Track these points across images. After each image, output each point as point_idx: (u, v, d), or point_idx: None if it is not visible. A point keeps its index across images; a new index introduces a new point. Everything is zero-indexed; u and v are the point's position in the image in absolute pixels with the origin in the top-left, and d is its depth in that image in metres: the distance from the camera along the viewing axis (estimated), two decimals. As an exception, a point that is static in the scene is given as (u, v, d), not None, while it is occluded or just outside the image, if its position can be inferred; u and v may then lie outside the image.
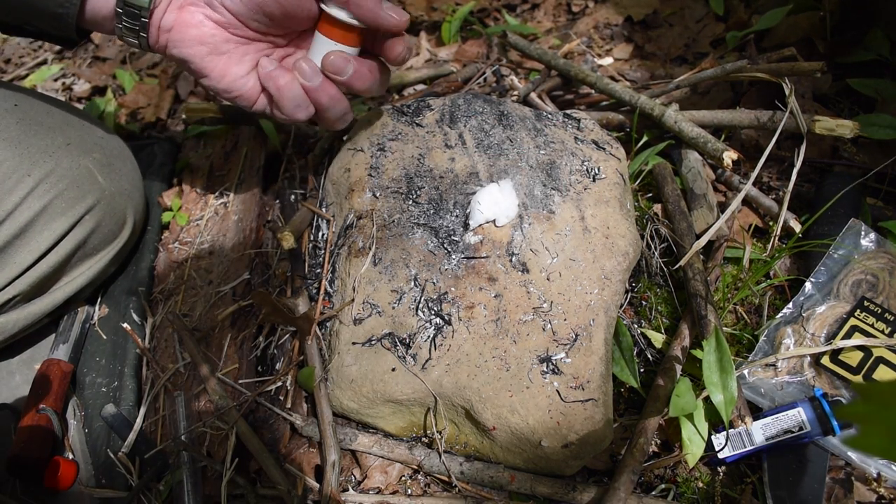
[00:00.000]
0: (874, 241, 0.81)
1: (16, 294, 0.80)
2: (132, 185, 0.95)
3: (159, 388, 0.84)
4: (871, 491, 0.70)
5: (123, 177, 0.92)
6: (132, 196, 0.94)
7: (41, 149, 0.82)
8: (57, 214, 0.81)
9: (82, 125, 0.91)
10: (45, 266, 0.81)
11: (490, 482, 0.72)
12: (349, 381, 0.72)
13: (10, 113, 0.82)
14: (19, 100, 0.85)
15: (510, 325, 0.71)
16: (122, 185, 0.91)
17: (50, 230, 0.81)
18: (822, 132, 0.88)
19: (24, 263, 0.79)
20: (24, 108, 0.84)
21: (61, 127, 0.86)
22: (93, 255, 0.89)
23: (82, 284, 0.88)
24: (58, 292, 0.86)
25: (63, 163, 0.83)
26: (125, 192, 0.92)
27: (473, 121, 0.88)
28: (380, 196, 0.82)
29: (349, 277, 0.78)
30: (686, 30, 1.30)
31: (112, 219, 0.89)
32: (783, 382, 0.75)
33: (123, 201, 0.91)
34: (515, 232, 0.76)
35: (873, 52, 1.05)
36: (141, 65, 1.55)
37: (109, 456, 0.78)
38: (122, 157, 0.95)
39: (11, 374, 0.87)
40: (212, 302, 0.91)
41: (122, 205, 0.90)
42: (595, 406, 0.68)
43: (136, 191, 0.96)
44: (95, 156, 0.88)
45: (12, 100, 0.84)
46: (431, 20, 1.48)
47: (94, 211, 0.85)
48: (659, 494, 0.72)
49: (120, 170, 0.92)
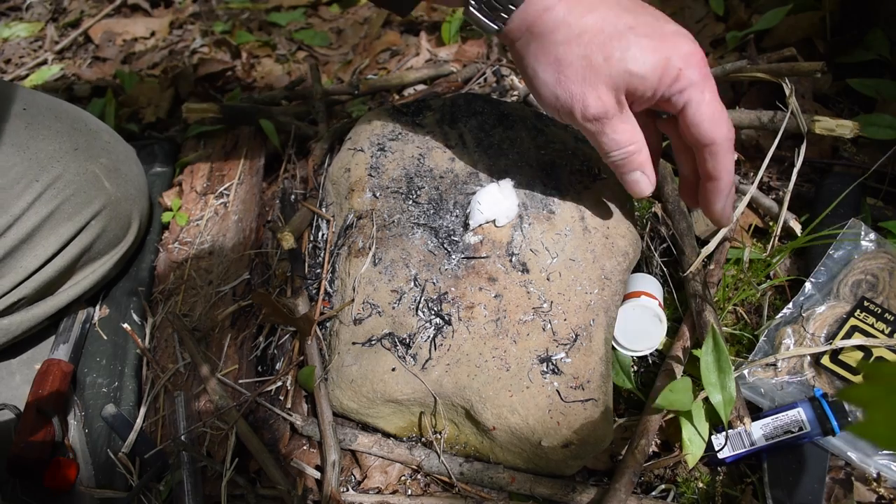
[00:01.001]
0: (874, 241, 0.81)
1: (21, 297, 0.80)
2: (138, 189, 0.95)
3: (159, 388, 0.84)
4: (871, 491, 0.70)
5: (130, 182, 0.93)
6: (138, 200, 0.94)
7: (49, 154, 0.82)
8: (63, 219, 0.81)
9: (89, 130, 0.91)
10: (51, 270, 0.82)
11: (490, 482, 0.72)
12: (349, 381, 0.72)
13: (19, 117, 0.82)
14: (28, 103, 0.85)
15: (510, 325, 0.71)
16: (128, 191, 0.91)
17: (56, 235, 0.81)
18: (822, 132, 0.88)
19: (30, 268, 0.80)
20: (32, 112, 0.84)
21: (69, 132, 0.86)
22: (97, 259, 0.89)
23: (86, 287, 0.88)
24: (62, 295, 0.86)
25: (70, 168, 0.83)
26: (131, 196, 0.92)
27: (473, 121, 0.88)
28: (380, 196, 0.82)
29: (349, 277, 0.78)
30: (686, 30, 1.30)
31: (117, 223, 0.89)
32: (783, 382, 0.75)
33: (129, 206, 0.91)
34: (515, 232, 0.76)
35: (873, 52, 1.05)
36: (141, 65, 1.55)
37: (109, 456, 0.78)
38: (128, 162, 0.95)
39: (11, 374, 0.87)
40: (212, 302, 0.91)
41: (127, 209, 0.91)
42: (595, 406, 0.68)
43: (141, 195, 0.96)
44: (102, 161, 0.88)
45: (21, 103, 0.84)
46: (431, 20, 1.48)
47: (100, 216, 0.85)
48: (659, 495, 0.72)
49: (126, 175, 0.92)
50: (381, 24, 1.52)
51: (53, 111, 0.88)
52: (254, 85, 1.44)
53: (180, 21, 1.74)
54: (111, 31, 1.68)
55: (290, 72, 1.47)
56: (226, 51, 1.53)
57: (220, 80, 1.43)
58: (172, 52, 1.58)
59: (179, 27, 1.73)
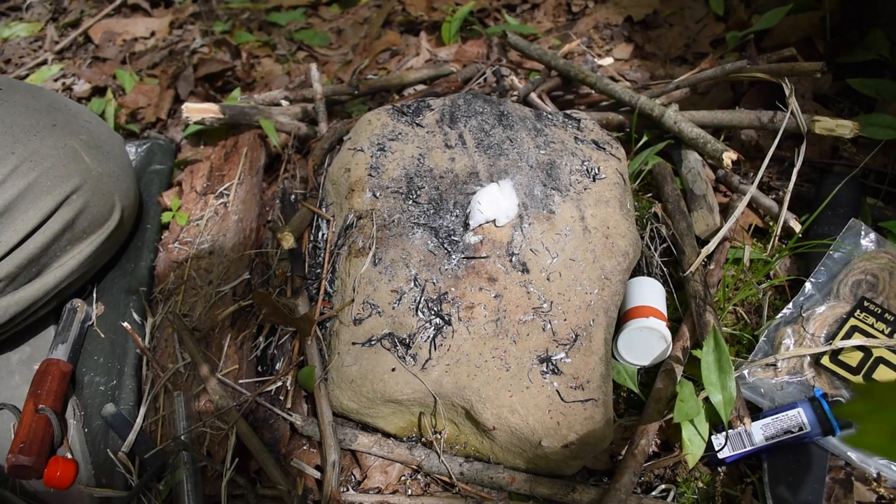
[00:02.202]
0: (874, 241, 0.81)
1: (3, 276, 0.79)
2: (120, 168, 0.94)
3: (159, 388, 0.84)
4: (871, 491, 0.70)
5: (112, 159, 0.93)
6: (120, 179, 0.94)
7: (25, 128, 0.82)
8: (42, 193, 0.81)
9: (69, 110, 0.91)
10: (33, 246, 0.81)
11: (490, 483, 0.72)
12: (349, 381, 0.72)
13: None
14: (4, 84, 0.85)
15: (510, 325, 0.71)
16: (109, 167, 0.91)
17: (36, 208, 0.80)
18: (822, 132, 0.88)
19: (10, 242, 0.79)
20: (8, 91, 0.85)
21: (47, 110, 0.87)
22: (82, 239, 0.88)
23: (73, 268, 0.87)
24: (48, 276, 0.85)
25: (48, 141, 0.83)
26: (113, 174, 0.92)
27: (473, 121, 0.88)
28: (380, 196, 0.82)
29: (349, 277, 0.78)
30: (686, 30, 1.30)
31: (100, 200, 0.89)
32: (783, 382, 0.75)
33: (111, 183, 0.91)
34: (515, 232, 0.76)
35: (873, 52, 1.05)
36: (141, 65, 1.55)
37: (109, 455, 0.78)
38: (109, 141, 0.95)
39: (11, 373, 0.87)
40: (212, 302, 0.91)
41: (110, 187, 0.90)
42: (595, 406, 0.68)
43: (124, 174, 0.95)
44: (82, 137, 0.88)
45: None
46: (431, 20, 1.48)
47: (81, 191, 0.85)
48: (659, 495, 0.72)
49: (108, 152, 0.92)
50: (381, 24, 1.52)
51: (30, 92, 0.88)
52: (254, 85, 1.44)
53: (180, 21, 1.74)
54: (111, 31, 1.68)
55: (289, 72, 1.47)
56: (226, 51, 1.53)
57: (220, 80, 1.43)
58: (172, 52, 1.58)
59: (179, 27, 1.73)
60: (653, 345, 0.76)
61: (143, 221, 1.05)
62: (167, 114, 1.35)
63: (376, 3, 1.64)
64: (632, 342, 0.77)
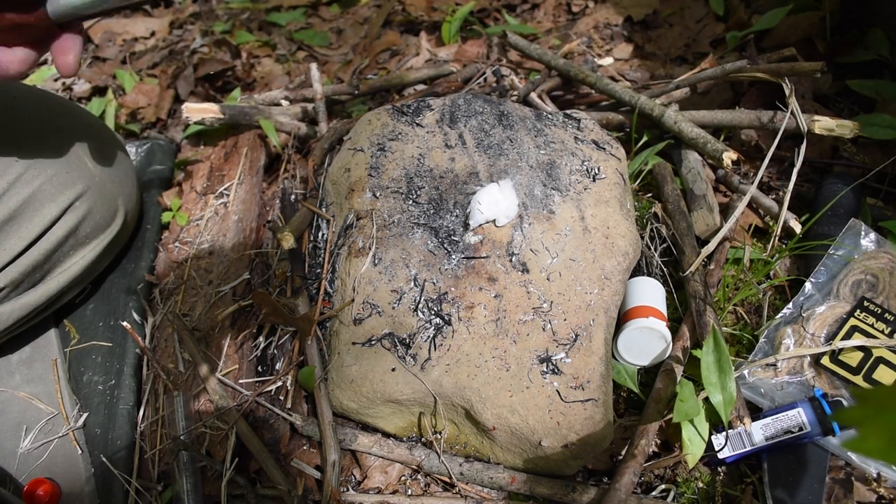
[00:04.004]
0: (874, 241, 0.81)
1: (7, 283, 0.79)
2: (123, 172, 0.94)
3: (159, 388, 0.84)
4: (871, 491, 0.70)
5: (115, 163, 0.92)
6: (124, 184, 0.93)
7: (28, 135, 0.82)
8: (47, 200, 0.81)
9: (71, 114, 0.91)
10: (37, 253, 0.81)
11: (490, 483, 0.72)
12: (349, 381, 0.72)
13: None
14: (5, 88, 0.85)
15: (510, 325, 0.71)
16: (112, 172, 0.91)
17: (40, 216, 0.80)
18: (822, 132, 0.88)
19: (15, 250, 0.79)
20: (10, 95, 0.84)
21: (50, 115, 0.86)
22: (85, 244, 0.88)
23: (76, 274, 0.87)
24: (52, 282, 0.85)
25: (52, 148, 0.82)
26: (116, 178, 0.91)
27: (473, 121, 0.88)
28: (380, 196, 0.82)
29: (349, 277, 0.78)
30: (686, 30, 1.30)
31: (104, 205, 0.88)
32: (783, 383, 0.75)
33: (115, 188, 0.90)
34: (515, 232, 0.76)
35: (873, 52, 1.05)
36: (141, 65, 1.55)
37: (108, 455, 0.78)
38: (112, 145, 0.95)
39: (11, 373, 0.87)
40: (212, 302, 0.91)
41: (113, 192, 0.90)
42: (595, 406, 0.68)
43: (127, 179, 0.95)
44: (85, 142, 0.88)
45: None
46: (431, 20, 1.48)
47: (84, 197, 0.85)
48: (659, 495, 0.72)
49: (111, 157, 0.92)
50: (382, 24, 1.52)
51: (33, 97, 0.88)
52: (254, 85, 1.44)
53: (180, 21, 1.74)
54: (111, 31, 1.68)
55: (289, 72, 1.47)
56: (226, 51, 1.52)
57: (220, 80, 1.43)
58: (172, 52, 1.58)
59: (179, 27, 1.73)
60: (653, 345, 0.76)
61: (143, 222, 1.05)
62: (167, 114, 1.35)
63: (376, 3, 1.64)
64: (632, 342, 0.77)
